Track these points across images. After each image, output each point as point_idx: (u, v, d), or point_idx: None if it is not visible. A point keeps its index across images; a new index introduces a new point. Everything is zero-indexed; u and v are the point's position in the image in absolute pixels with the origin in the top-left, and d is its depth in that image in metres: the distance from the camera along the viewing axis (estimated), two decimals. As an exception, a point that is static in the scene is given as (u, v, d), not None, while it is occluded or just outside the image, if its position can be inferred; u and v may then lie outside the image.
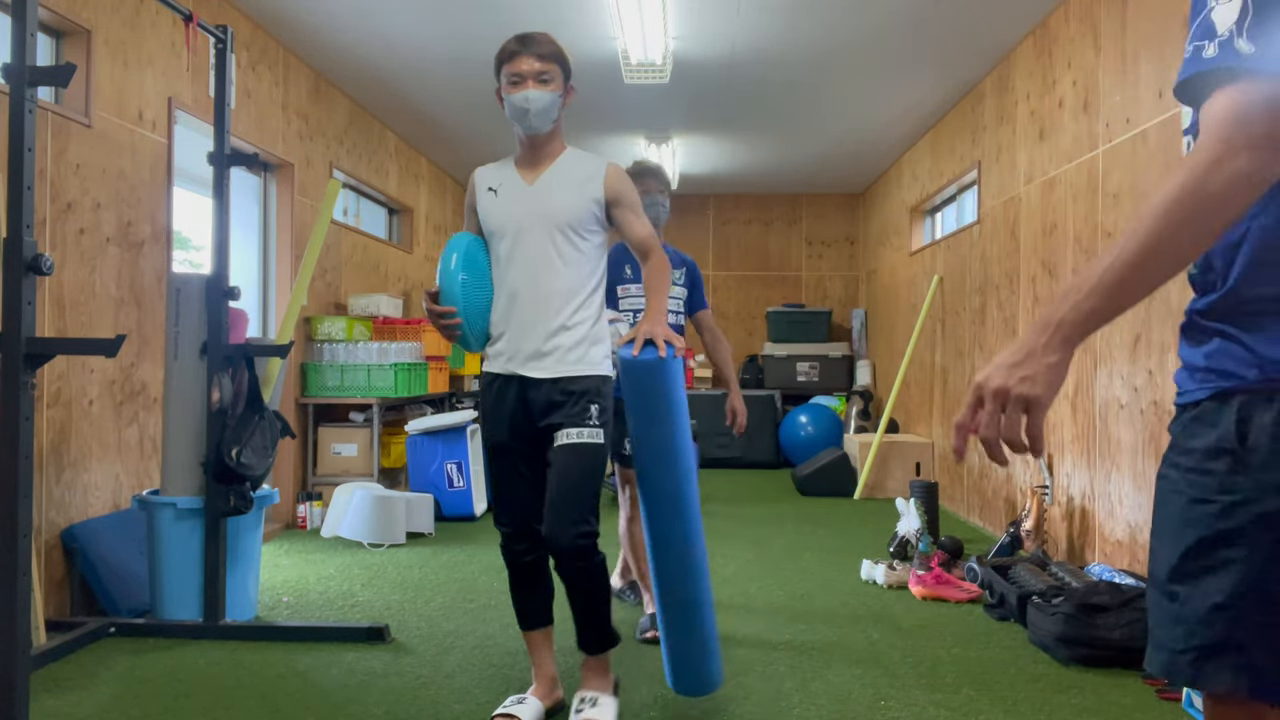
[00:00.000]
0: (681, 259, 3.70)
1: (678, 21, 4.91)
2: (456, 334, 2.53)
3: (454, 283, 2.50)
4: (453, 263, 2.52)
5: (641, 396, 2.38)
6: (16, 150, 2.41)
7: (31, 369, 2.42)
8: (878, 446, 6.83)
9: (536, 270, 2.53)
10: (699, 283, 3.74)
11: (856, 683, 2.95)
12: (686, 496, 2.50)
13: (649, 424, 2.39)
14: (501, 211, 2.59)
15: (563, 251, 2.53)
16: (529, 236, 2.54)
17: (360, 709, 2.70)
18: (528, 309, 2.54)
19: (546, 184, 2.59)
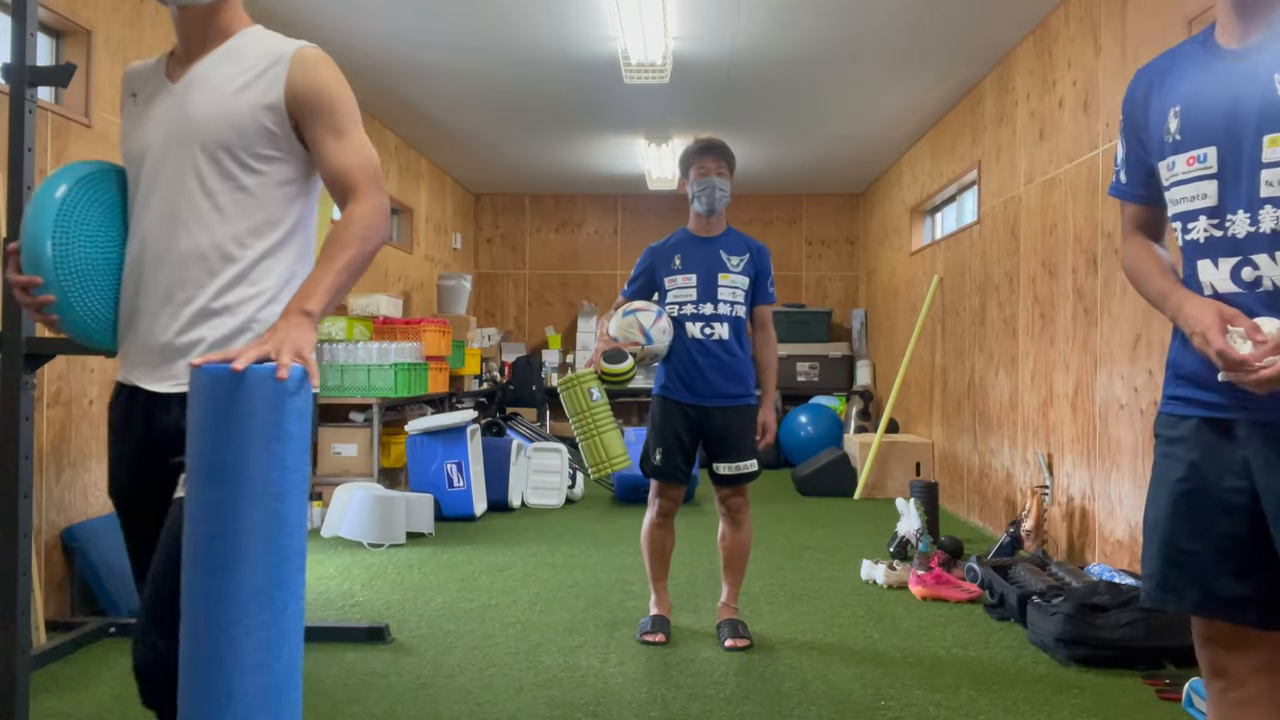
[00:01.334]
0: (746, 244, 3.40)
1: (678, 21, 4.91)
2: (53, 318, 1.60)
3: (42, 234, 1.57)
4: (48, 203, 1.59)
5: (207, 432, 1.40)
6: (16, 150, 2.41)
7: (31, 369, 2.42)
8: (878, 446, 6.83)
9: (172, 218, 1.61)
10: (765, 272, 3.39)
11: (856, 683, 2.95)
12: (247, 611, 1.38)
13: (208, 482, 1.39)
14: (133, 128, 1.69)
15: (211, 188, 1.61)
16: (166, 166, 1.63)
17: (360, 709, 2.70)
18: (155, 280, 1.62)
19: (193, 82, 1.67)
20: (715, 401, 3.28)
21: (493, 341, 9.05)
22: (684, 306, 3.31)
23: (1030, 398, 4.92)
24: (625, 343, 3.25)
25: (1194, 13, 3.42)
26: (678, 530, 5.50)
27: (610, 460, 3.20)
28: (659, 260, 3.41)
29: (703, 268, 3.31)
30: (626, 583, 4.21)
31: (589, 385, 3.21)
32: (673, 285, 3.35)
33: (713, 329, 3.27)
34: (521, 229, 9.94)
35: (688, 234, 3.42)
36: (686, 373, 3.29)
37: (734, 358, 3.29)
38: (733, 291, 3.30)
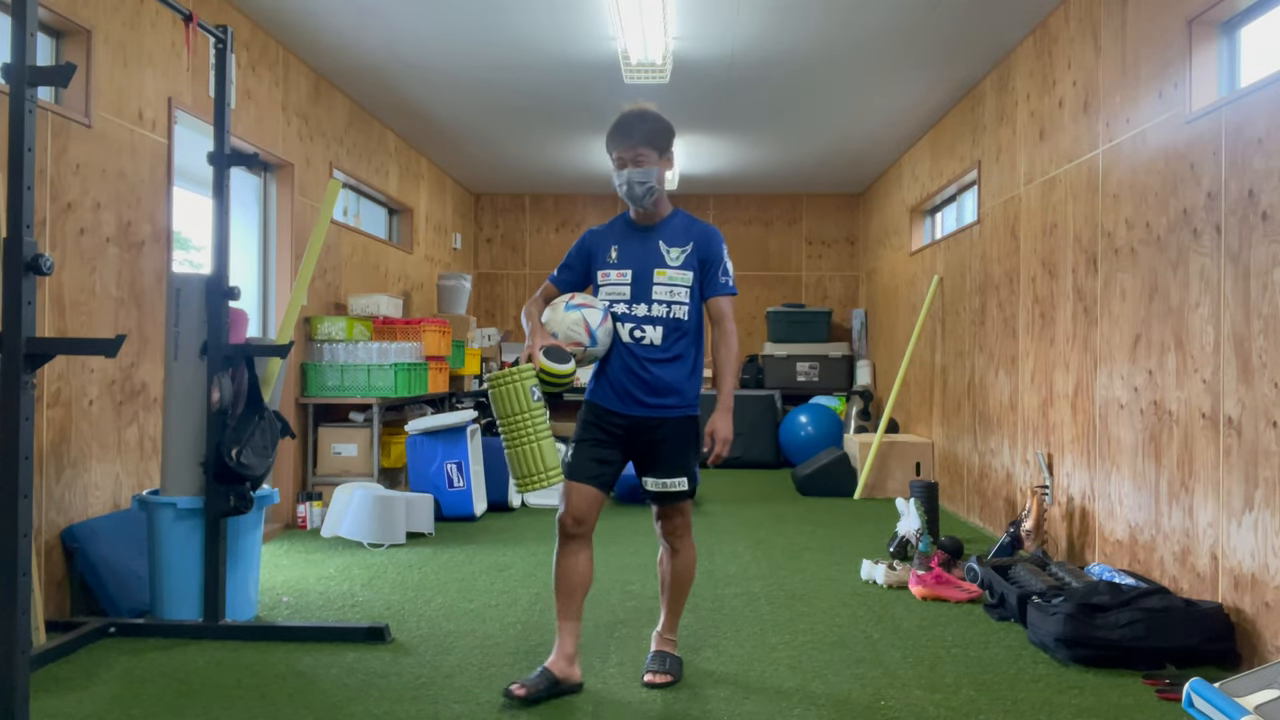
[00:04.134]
0: (690, 231, 2.94)
1: (678, 21, 4.91)
2: None
3: None
4: None
5: None
6: (16, 150, 2.41)
7: (31, 369, 2.42)
8: (878, 446, 6.83)
9: None
10: (714, 260, 2.92)
11: (856, 683, 2.95)
12: None
13: None
14: None
15: None
16: None
17: (360, 709, 2.70)
18: None
19: None
20: (641, 411, 2.87)
21: (493, 341, 9.05)
22: (616, 305, 2.89)
23: (1030, 398, 4.93)
24: (567, 342, 2.82)
25: (1194, 12, 3.42)
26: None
27: (546, 472, 2.74)
28: (596, 249, 2.99)
29: (638, 263, 2.89)
30: (626, 583, 4.21)
31: (530, 383, 2.76)
32: (606, 280, 2.93)
33: (643, 332, 2.85)
34: (521, 229, 9.94)
35: (628, 221, 2.99)
36: (616, 379, 2.88)
37: (664, 365, 2.85)
38: (670, 290, 2.87)
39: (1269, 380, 2.94)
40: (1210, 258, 3.28)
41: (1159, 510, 3.59)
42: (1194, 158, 3.40)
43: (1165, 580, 3.52)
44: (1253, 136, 3.06)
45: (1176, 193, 3.51)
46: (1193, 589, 3.36)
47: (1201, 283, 3.33)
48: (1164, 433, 3.56)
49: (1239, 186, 3.12)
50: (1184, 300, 3.44)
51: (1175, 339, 3.49)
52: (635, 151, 2.83)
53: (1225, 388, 3.18)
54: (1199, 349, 3.34)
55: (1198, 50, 3.45)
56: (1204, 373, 3.30)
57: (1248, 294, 3.06)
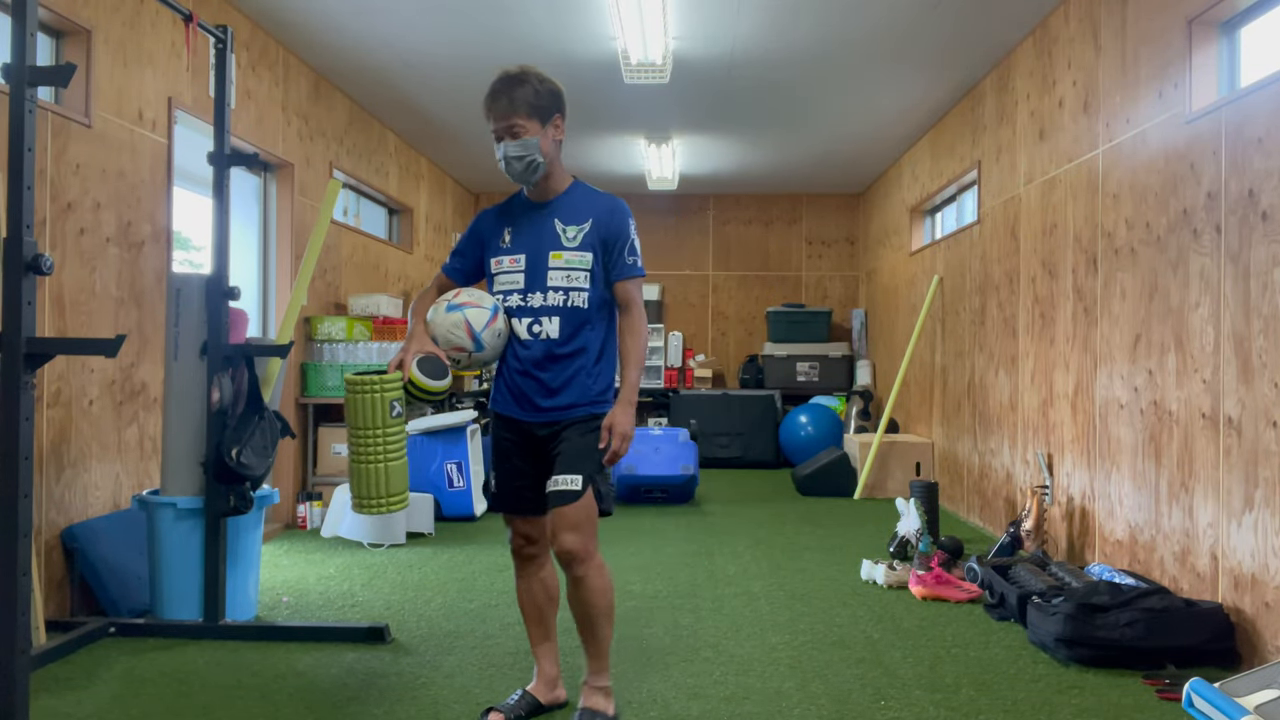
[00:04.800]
0: (590, 206, 2.56)
1: (678, 21, 4.91)
2: None
3: None
4: None
5: None
6: (16, 150, 2.41)
7: (31, 369, 2.42)
8: (878, 446, 6.83)
9: None
10: (618, 238, 2.54)
11: (856, 683, 2.95)
12: None
13: None
14: None
15: None
16: None
17: (360, 709, 2.70)
18: None
19: None
20: (541, 417, 2.53)
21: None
22: (510, 297, 2.55)
23: (1030, 398, 4.92)
24: (447, 348, 2.50)
25: (1194, 12, 3.42)
26: (672, 530, 5.53)
27: (388, 498, 2.47)
28: (489, 233, 2.63)
29: (531, 246, 2.54)
30: (627, 583, 4.21)
31: (393, 395, 2.44)
32: (499, 269, 2.58)
33: (540, 325, 2.51)
34: (521, 229, 9.93)
35: (523, 198, 2.62)
36: (512, 382, 2.56)
37: (565, 361, 2.51)
38: (567, 275, 2.51)
39: (1269, 380, 2.94)
40: (1210, 258, 3.28)
41: (1159, 510, 3.59)
42: (1194, 158, 3.40)
43: (1165, 580, 3.52)
44: (1253, 136, 3.06)
45: (1176, 193, 3.51)
46: (1193, 589, 3.35)
47: (1201, 283, 3.33)
48: (1164, 433, 3.56)
49: (1239, 186, 3.12)
50: (1184, 300, 3.44)
51: (1175, 339, 3.49)
52: (510, 121, 2.46)
53: (1225, 388, 3.18)
54: (1199, 349, 3.34)
55: (1198, 50, 3.45)
56: (1204, 373, 3.30)
57: (1248, 294, 3.06)
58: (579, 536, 2.44)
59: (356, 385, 2.44)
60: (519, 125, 2.47)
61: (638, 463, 6.38)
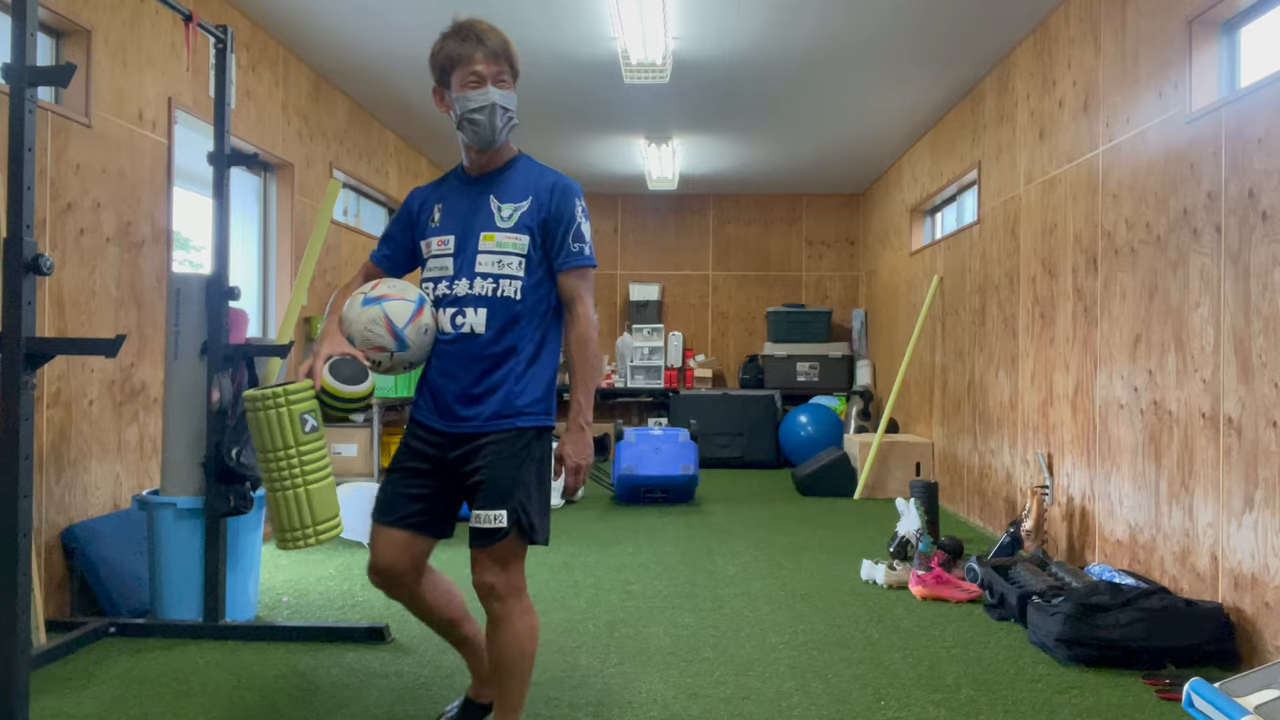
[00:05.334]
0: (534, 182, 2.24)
1: (678, 21, 4.91)
2: None
3: None
4: None
5: None
6: (16, 150, 2.41)
7: (31, 369, 2.42)
8: (878, 446, 6.83)
9: None
10: (563, 220, 2.20)
11: (856, 683, 2.95)
12: None
13: None
14: None
15: None
16: None
17: (360, 709, 2.70)
18: None
19: None
20: (459, 428, 2.19)
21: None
22: (438, 286, 2.22)
23: (1030, 398, 4.92)
24: (365, 347, 2.16)
25: (1194, 12, 3.42)
26: (672, 530, 5.53)
27: (317, 525, 2.12)
28: (420, 210, 2.31)
29: (461, 225, 2.21)
30: (627, 583, 4.21)
31: (303, 408, 2.10)
32: (429, 251, 2.26)
33: (464, 318, 2.17)
34: (521, 229, 9.93)
35: (459, 172, 2.32)
36: (433, 384, 2.23)
37: (491, 362, 2.17)
38: (498, 260, 2.16)
39: (1269, 380, 2.94)
40: (1210, 258, 3.28)
41: (1159, 510, 3.59)
42: (1194, 158, 3.40)
43: (1165, 580, 3.52)
44: (1253, 136, 3.06)
45: (1176, 193, 3.51)
46: (1193, 589, 3.35)
47: (1201, 283, 3.33)
48: (1164, 433, 3.56)
49: (1239, 186, 3.12)
50: (1184, 300, 3.44)
51: (1175, 339, 3.49)
52: (500, 67, 2.18)
53: (1225, 388, 3.18)
54: (1199, 349, 3.34)
55: (1198, 50, 3.45)
56: (1204, 373, 3.30)
57: (1248, 294, 3.06)
58: (501, 572, 2.14)
59: (257, 401, 2.07)
60: (504, 77, 2.20)
61: (638, 463, 6.38)
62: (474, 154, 2.26)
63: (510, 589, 2.15)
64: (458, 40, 2.15)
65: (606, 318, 9.85)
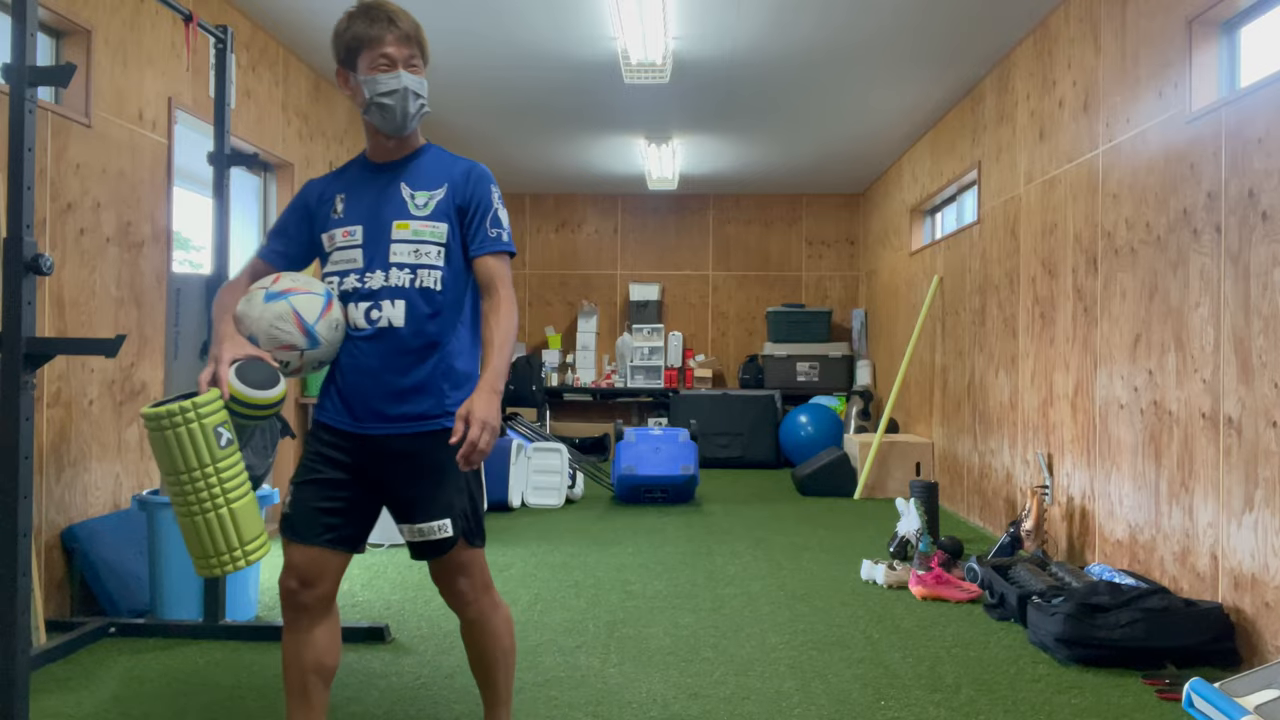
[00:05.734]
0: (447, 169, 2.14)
1: (678, 21, 4.91)
2: None
3: None
4: None
5: None
6: (16, 150, 2.41)
7: (31, 369, 2.42)
8: (878, 446, 6.83)
9: None
10: (480, 206, 2.10)
11: (856, 683, 2.95)
12: None
13: None
14: None
15: None
16: None
17: (360, 709, 2.70)
18: None
19: None
20: (387, 428, 2.04)
21: (493, 341, 9.03)
22: (346, 280, 2.06)
23: (1030, 398, 4.93)
24: (272, 347, 2.00)
25: (1194, 12, 3.42)
26: (672, 530, 5.53)
27: (245, 546, 1.92)
28: (318, 202, 2.14)
29: (370, 214, 2.08)
30: (627, 583, 4.21)
31: (213, 421, 1.88)
32: (333, 245, 2.09)
33: (381, 312, 2.03)
34: (521, 229, 9.94)
35: (362, 161, 2.18)
36: (346, 384, 2.07)
37: (413, 355, 2.04)
38: (415, 250, 2.05)
39: (1269, 380, 2.94)
40: (1210, 258, 3.28)
41: (1159, 510, 3.59)
42: (1194, 158, 3.40)
43: (1165, 580, 3.52)
44: (1253, 136, 3.06)
45: (1176, 193, 3.51)
46: (1193, 589, 3.35)
47: (1201, 283, 3.33)
48: (1164, 433, 3.56)
49: (1239, 186, 3.12)
50: (1184, 300, 3.44)
51: (1175, 339, 3.49)
52: (410, 50, 2.05)
53: (1225, 388, 3.18)
54: (1199, 349, 3.34)
55: (1198, 50, 3.45)
56: (1204, 373, 3.30)
57: (1248, 294, 3.06)
58: (468, 580, 2.10)
59: (163, 419, 1.83)
60: (416, 60, 2.07)
61: (638, 463, 6.38)
62: (381, 140, 2.12)
63: (481, 589, 2.12)
64: (367, 21, 2.03)
65: (606, 317, 9.85)
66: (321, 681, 2.08)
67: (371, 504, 2.10)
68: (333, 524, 2.04)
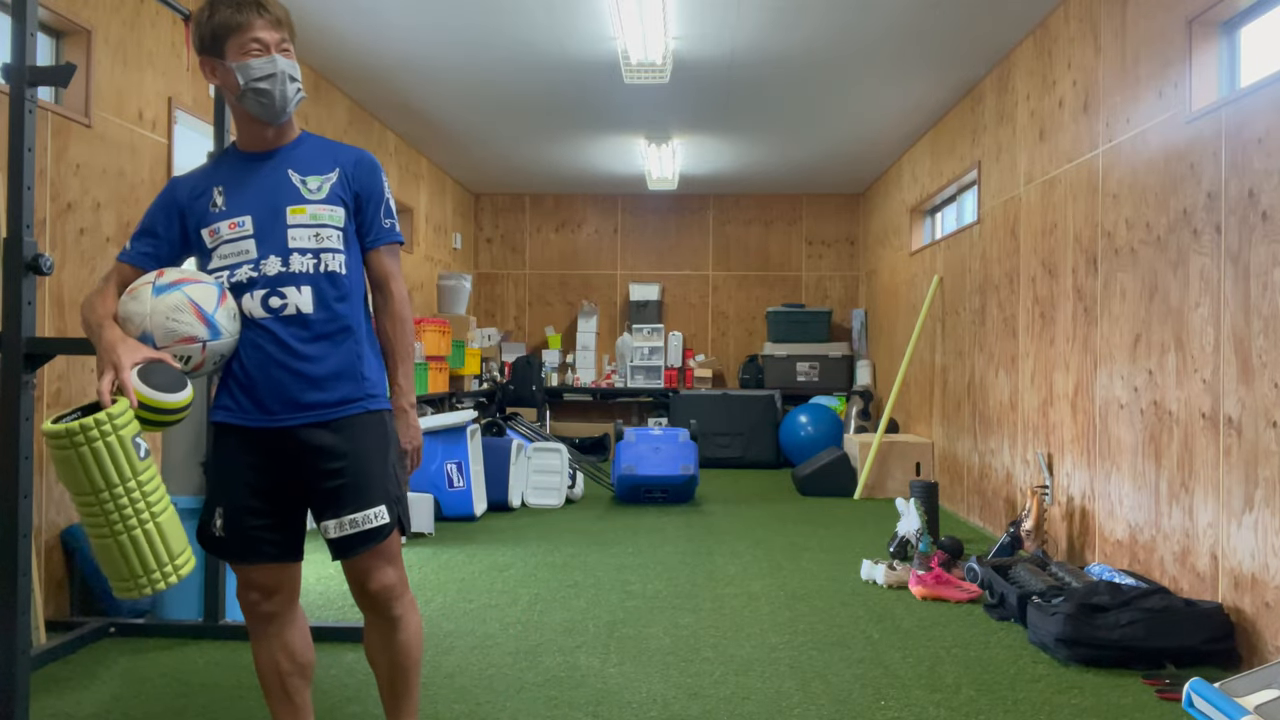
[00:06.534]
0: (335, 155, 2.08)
1: (678, 21, 4.91)
2: None
3: None
4: None
5: None
6: (16, 150, 2.41)
7: (31, 369, 2.43)
8: (878, 446, 6.83)
9: None
10: (373, 196, 2.08)
11: (856, 683, 2.95)
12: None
13: None
14: None
15: None
16: None
17: (360, 709, 2.70)
18: None
19: None
20: (304, 417, 1.96)
21: (493, 341, 9.05)
22: (237, 272, 1.96)
23: (1030, 398, 4.93)
24: (170, 342, 1.88)
25: (1194, 12, 3.42)
26: (672, 530, 5.53)
27: (175, 561, 1.83)
28: (191, 198, 2.03)
29: (259, 203, 2.00)
30: (626, 583, 4.22)
31: (128, 432, 1.76)
32: (216, 239, 1.99)
33: (284, 298, 1.96)
34: (521, 229, 9.94)
35: (235, 154, 2.08)
36: (248, 378, 1.97)
37: (327, 343, 1.99)
38: (315, 234, 1.99)
39: (1269, 380, 2.94)
40: (1210, 258, 3.28)
41: (1159, 510, 3.59)
42: (1194, 158, 3.40)
43: (1165, 580, 3.52)
44: (1253, 136, 3.06)
45: (1176, 193, 3.51)
46: (1193, 589, 3.35)
47: (1201, 283, 3.33)
48: (1164, 433, 3.56)
49: (1239, 186, 3.12)
50: (1184, 300, 3.45)
51: (1175, 339, 3.49)
52: (280, 34, 1.98)
53: (1225, 388, 3.18)
54: (1199, 349, 3.34)
55: (1198, 50, 3.45)
56: (1204, 373, 3.30)
57: (1248, 294, 3.06)
58: (396, 571, 2.03)
59: (76, 435, 1.70)
60: (287, 44, 1.99)
61: (637, 463, 6.38)
62: (257, 129, 2.03)
63: (405, 585, 2.07)
64: (233, 7, 1.94)
65: (606, 317, 9.85)
66: (302, 680, 2.08)
67: (298, 507, 2.03)
68: (271, 539, 1.99)
